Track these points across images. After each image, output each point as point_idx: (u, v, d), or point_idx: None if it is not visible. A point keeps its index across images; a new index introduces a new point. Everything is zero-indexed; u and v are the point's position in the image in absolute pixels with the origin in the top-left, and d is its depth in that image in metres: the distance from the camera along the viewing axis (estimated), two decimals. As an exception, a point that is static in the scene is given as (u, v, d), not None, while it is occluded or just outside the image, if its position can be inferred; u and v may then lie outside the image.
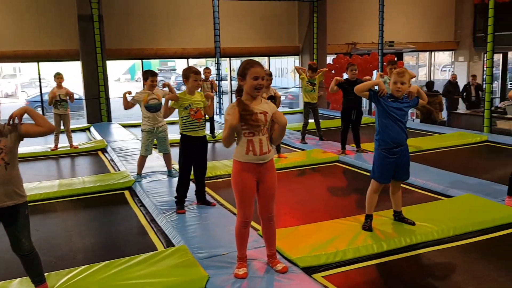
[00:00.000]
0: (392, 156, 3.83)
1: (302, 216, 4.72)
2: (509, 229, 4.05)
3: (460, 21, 16.09)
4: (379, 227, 3.98)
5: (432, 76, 17.23)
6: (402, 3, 15.12)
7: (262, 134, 3.10)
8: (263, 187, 3.19)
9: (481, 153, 7.35)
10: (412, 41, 15.28)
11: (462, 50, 16.24)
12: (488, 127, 8.45)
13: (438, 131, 9.01)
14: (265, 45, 13.76)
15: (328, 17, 13.98)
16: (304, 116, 8.06)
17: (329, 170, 6.58)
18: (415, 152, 7.15)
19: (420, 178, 5.45)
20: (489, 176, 5.67)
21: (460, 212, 4.29)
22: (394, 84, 3.80)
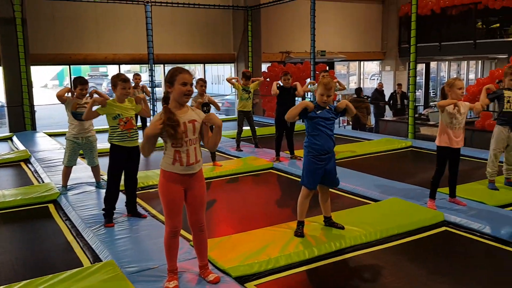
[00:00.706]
0: (320, 163, 3.92)
1: (237, 224, 4.70)
2: (431, 231, 4.28)
3: (386, 33, 16.97)
4: (310, 232, 4.04)
5: (361, 84, 18.00)
6: (333, 14, 15.70)
7: (190, 144, 3.05)
8: (192, 197, 3.14)
9: (406, 158, 7.75)
10: (343, 51, 15.89)
11: (389, 60, 17.14)
12: (412, 133, 8.93)
13: (367, 137, 9.39)
14: (200, 52, 13.68)
15: (263, 25, 14.19)
16: (238, 124, 8.08)
17: (264, 177, 6.63)
18: (346, 158, 7.40)
19: (350, 183, 5.63)
20: (413, 180, 5.98)
21: (387, 215, 4.47)
22: (321, 95, 3.89)
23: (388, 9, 16.74)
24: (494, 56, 16.51)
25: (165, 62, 13.09)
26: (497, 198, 4.96)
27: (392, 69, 17.09)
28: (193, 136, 3.06)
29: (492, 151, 5.32)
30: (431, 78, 18.95)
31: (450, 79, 4.67)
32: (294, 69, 13.32)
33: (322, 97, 3.88)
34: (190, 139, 3.04)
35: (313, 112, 3.88)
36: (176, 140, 2.97)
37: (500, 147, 5.27)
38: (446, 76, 19.71)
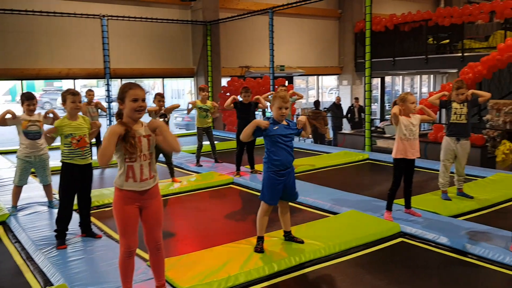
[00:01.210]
0: (280, 178, 3.92)
1: (196, 242, 4.61)
2: (388, 242, 4.36)
3: (343, 48, 17.42)
4: (270, 248, 4.02)
5: (320, 97, 18.32)
6: (292, 30, 15.97)
7: (144, 160, 2.98)
8: (148, 215, 3.05)
9: (363, 170, 7.91)
10: (302, 66, 16.16)
11: (346, 74, 17.57)
12: (369, 145, 9.14)
13: (326, 150, 9.54)
14: (159, 66, 13.53)
15: (222, 40, 14.23)
16: (198, 139, 8.01)
17: (224, 192, 6.57)
18: (305, 172, 7.47)
19: (309, 197, 5.67)
20: (370, 192, 6.10)
21: (345, 228, 4.52)
22: (279, 109, 3.90)
23: (344, 25, 17.21)
24: (445, 71, 17.25)
25: (123, 77, 12.84)
26: (450, 208, 5.12)
27: (349, 83, 17.52)
28: (147, 151, 2.99)
29: (442, 162, 5.52)
30: (386, 92, 19.55)
31: (402, 94, 4.82)
32: (253, 83, 13.41)
33: (280, 110, 3.89)
34: (144, 154, 2.98)
35: (269, 129, 3.89)
36: (133, 150, 2.89)
37: (448, 158, 5.47)
38: (401, 90, 20.39)
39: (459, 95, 5.34)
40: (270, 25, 11.65)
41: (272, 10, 11.57)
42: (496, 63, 10.41)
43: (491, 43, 13.21)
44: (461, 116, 5.36)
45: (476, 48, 13.83)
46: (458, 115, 5.36)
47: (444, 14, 14.68)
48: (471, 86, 10.59)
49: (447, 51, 15.10)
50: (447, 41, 15.14)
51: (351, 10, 16.86)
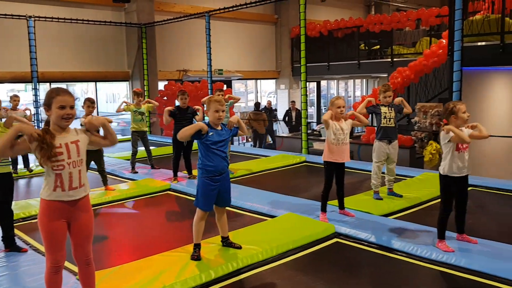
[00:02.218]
0: (214, 184, 3.88)
1: (131, 252, 4.45)
2: (324, 243, 4.45)
3: (280, 53, 17.70)
4: (207, 255, 3.96)
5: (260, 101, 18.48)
6: (229, 34, 15.98)
7: (74, 167, 2.82)
8: (77, 229, 2.89)
9: (300, 173, 8.05)
10: (240, 70, 16.21)
11: (283, 78, 17.86)
12: (306, 148, 9.33)
13: (265, 154, 9.61)
14: (91, 70, 13.00)
15: (158, 43, 13.95)
16: (132, 145, 7.76)
17: (161, 199, 6.41)
18: (244, 176, 7.48)
19: (247, 201, 5.67)
20: (307, 194, 6.21)
21: (282, 231, 4.56)
22: (215, 112, 3.86)
23: (281, 30, 17.50)
24: (376, 75, 18.03)
25: (52, 81, 12.19)
26: (382, 207, 5.33)
27: (286, 87, 17.82)
28: (77, 157, 2.83)
29: (375, 164, 5.73)
30: (322, 96, 20.10)
31: (333, 98, 4.97)
32: (191, 87, 13.26)
33: (217, 113, 3.86)
34: (74, 161, 2.82)
35: (206, 134, 3.84)
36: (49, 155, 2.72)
37: (381, 160, 5.69)
38: (335, 93, 21.04)
39: (386, 97, 5.60)
40: (207, 28, 11.59)
41: (209, 14, 11.51)
42: (423, 68, 11.03)
43: (418, 49, 13.99)
44: (390, 120, 5.60)
45: (404, 54, 14.59)
46: (387, 119, 5.60)
47: (375, 21, 15.36)
48: (400, 90, 11.15)
49: (378, 56, 15.80)
50: (377, 47, 15.85)
51: (287, 15, 17.18)
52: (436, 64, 10.92)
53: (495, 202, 5.83)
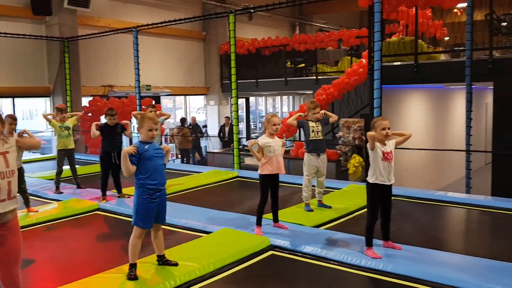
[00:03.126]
0: (155, 201, 3.84)
1: (59, 276, 4.20)
2: (260, 256, 4.52)
3: (209, 69, 17.79)
4: (144, 274, 3.86)
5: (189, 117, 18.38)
6: (158, 49, 15.81)
7: (1, 178, 2.66)
8: (4, 252, 2.71)
9: (233, 188, 8.11)
10: (169, 86, 16.05)
11: (213, 94, 17.94)
12: (237, 163, 9.43)
13: (196, 170, 9.56)
14: (8, 85, 12.19)
15: (82, 57, 13.44)
16: (58, 164, 7.38)
17: (89, 220, 6.14)
18: (176, 192, 7.38)
19: (181, 218, 5.61)
20: (241, 209, 6.28)
21: (219, 246, 4.57)
22: (149, 131, 3.84)
23: (209, 47, 17.62)
24: (302, 92, 18.71)
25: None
26: (313, 219, 5.53)
27: (216, 103, 17.91)
28: (6, 168, 2.68)
29: (305, 177, 5.95)
30: (251, 112, 20.45)
31: (268, 115, 5.14)
32: (118, 103, 12.89)
33: (150, 132, 3.83)
34: (1, 172, 2.66)
35: (140, 151, 3.79)
36: None
37: (311, 172, 5.92)
38: (264, 110, 21.51)
39: (315, 114, 5.87)
40: (135, 44, 11.38)
41: (137, 29, 11.33)
42: (345, 86, 11.65)
43: (340, 68, 14.77)
44: (318, 133, 5.87)
45: (328, 72, 15.33)
46: (315, 132, 5.87)
47: (300, 40, 16.02)
48: (325, 106, 11.66)
49: (303, 74, 16.45)
50: (303, 65, 16.51)
51: (215, 32, 17.36)
52: (357, 82, 11.58)
53: (415, 210, 6.27)
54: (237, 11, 9.18)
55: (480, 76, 8.71)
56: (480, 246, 4.88)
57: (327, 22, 22.37)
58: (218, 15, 9.99)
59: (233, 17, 8.88)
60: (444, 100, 13.65)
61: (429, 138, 12.30)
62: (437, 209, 6.26)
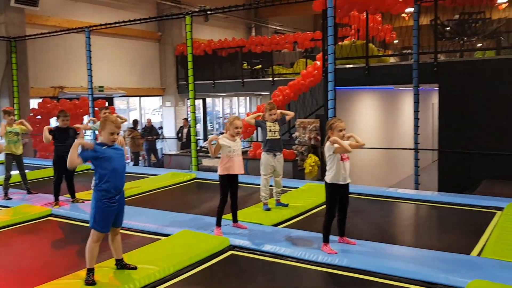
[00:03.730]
0: (114, 204, 3.80)
1: (12, 284, 4.06)
2: (220, 256, 4.56)
3: (165, 70, 17.59)
4: (102, 279, 3.81)
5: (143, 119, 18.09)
6: (111, 50, 15.46)
7: None
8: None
9: (191, 190, 8.09)
10: (122, 87, 15.73)
11: (169, 96, 17.74)
12: (195, 165, 9.39)
13: (153, 173, 9.44)
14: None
15: (30, 58, 12.93)
16: (6, 169, 7.09)
17: (41, 226, 5.94)
18: (133, 196, 7.27)
19: (139, 221, 5.55)
20: (200, 210, 6.29)
21: (178, 248, 4.56)
22: (110, 134, 3.80)
23: (165, 48, 17.43)
24: (259, 93, 18.89)
25: None
26: (272, 218, 5.62)
27: (172, 105, 17.74)
28: None
29: (263, 177, 6.04)
30: (208, 113, 20.39)
31: (231, 117, 5.20)
32: (69, 105, 12.49)
33: (112, 136, 3.80)
34: None
35: (98, 150, 3.74)
36: None
37: (268, 172, 6.02)
38: (221, 111, 21.51)
39: (272, 115, 5.98)
40: (88, 44, 11.08)
41: (89, 29, 11.04)
42: (301, 87, 11.89)
43: (295, 69, 15.04)
44: (275, 132, 5.99)
45: (284, 74, 15.56)
46: (272, 132, 5.98)
47: (256, 42, 16.17)
48: (281, 107, 11.84)
49: (260, 75, 16.62)
50: (259, 66, 16.68)
51: (171, 33, 17.19)
52: (312, 83, 11.85)
53: (368, 207, 6.51)
54: (193, 12, 9.15)
55: (427, 78, 9.15)
56: (429, 239, 5.16)
57: (282, 25, 22.70)
58: (174, 16, 9.91)
59: (189, 19, 8.85)
60: (394, 101, 14.21)
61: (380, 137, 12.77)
62: (388, 205, 6.54)
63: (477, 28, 10.51)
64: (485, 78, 8.15)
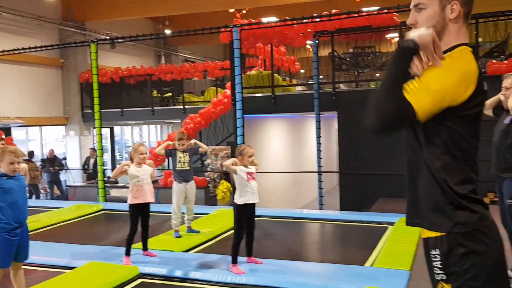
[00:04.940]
0: (14, 238, 3.65)
1: None
2: (129, 284, 4.51)
3: (68, 98, 16.85)
4: (-1, 319, 3.60)
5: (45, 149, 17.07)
6: (9, 77, 14.55)
7: None
8: None
9: (99, 221, 7.83)
10: (21, 116, 14.80)
11: (73, 124, 16.98)
12: (103, 196, 9.12)
13: (56, 205, 8.98)
14: None
15: None
16: None
17: None
18: (36, 230, 6.88)
19: (42, 256, 5.28)
20: (109, 241, 6.14)
21: (85, 280, 4.45)
22: (11, 164, 3.70)
23: (68, 75, 16.76)
24: (170, 121, 18.81)
25: None
26: (182, 244, 5.68)
27: (76, 134, 16.99)
28: None
29: (175, 204, 6.10)
30: (116, 142, 19.81)
31: (135, 145, 5.23)
32: (-39, 136, 11.49)
33: (12, 165, 3.68)
34: None
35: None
36: None
37: (180, 199, 6.10)
38: (130, 139, 21.03)
39: (181, 145, 6.11)
40: (-18, 71, 10.41)
41: (-16, 54, 10.39)
42: (212, 115, 12.15)
43: (206, 98, 15.31)
44: (184, 163, 6.11)
45: (195, 102, 15.76)
46: (182, 162, 6.10)
47: (166, 70, 16.24)
48: (192, 135, 11.98)
49: (171, 103, 16.64)
50: (170, 94, 16.70)
51: (74, 60, 16.61)
52: (223, 111, 12.17)
53: (275, 228, 6.83)
54: (99, 40, 9.07)
55: (327, 106, 9.92)
56: (330, 254, 5.57)
57: (193, 53, 23.01)
58: (78, 44, 9.71)
59: (94, 47, 8.75)
60: (299, 127, 15.05)
61: (288, 162, 13.40)
62: (294, 226, 6.92)
63: (369, 61, 11.65)
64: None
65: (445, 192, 1.59)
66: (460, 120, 1.56)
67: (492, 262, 1.57)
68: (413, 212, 1.72)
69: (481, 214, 1.60)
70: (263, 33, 10.72)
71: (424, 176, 1.64)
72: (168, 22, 20.18)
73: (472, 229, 1.57)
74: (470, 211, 1.59)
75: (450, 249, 1.59)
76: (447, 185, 1.59)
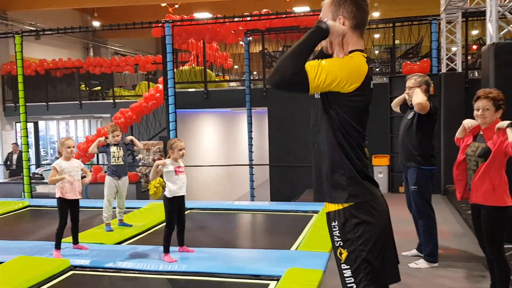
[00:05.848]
0: None
1: None
2: (60, 277, 4.53)
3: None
4: None
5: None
6: None
7: None
8: None
9: (25, 218, 7.60)
10: None
11: (-6, 119, 16.03)
12: (29, 192, 8.81)
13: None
14: None
15: None
16: None
17: None
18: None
19: (-35, 253, 5.12)
20: (37, 237, 6.05)
21: (14, 273, 4.41)
22: None
23: (-12, 66, 15.79)
24: (99, 115, 18.27)
25: None
26: (114, 237, 5.73)
27: (-2, 129, 16.05)
28: None
29: (106, 198, 6.12)
30: (40, 137, 18.92)
31: (62, 138, 5.21)
32: None
33: None
34: None
35: None
36: None
37: (112, 193, 6.13)
38: (56, 135, 20.15)
39: (115, 137, 6.15)
40: None
41: None
42: (143, 110, 12.07)
43: (137, 92, 15.10)
44: (118, 158, 6.15)
45: (126, 96, 15.48)
46: (116, 157, 6.13)
47: (95, 63, 15.77)
48: (124, 129, 11.85)
49: (100, 97, 16.20)
50: (99, 88, 16.24)
51: (-5, 51, 15.66)
52: (155, 106, 12.14)
53: (208, 219, 7.05)
54: (24, 32, 8.72)
55: (258, 102, 10.28)
56: (260, 241, 5.91)
57: (123, 46, 22.44)
58: (1, 35, 9.26)
59: (19, 38, 8.41)
60: (232, 122, 15.35)
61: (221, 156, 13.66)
62: (226, 217, 7.18)
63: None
64: (304, 101, 9.53)
65: (342, 169, 1.92)
66: (346, 108, 1.92)
67: (378, 229, 1.92)
68: (318, 189, 2.04)
69: (370, 189, 1.95)
70: (195, 29, 10.84)
71: (325, 156, 1.96)
72: (97, 14, 19.55)
73: (363, 201, 1.92)
74: (361, 185, 1.94)
75: (345, 220, 1.93)
76: (343, 163, 1.92)
